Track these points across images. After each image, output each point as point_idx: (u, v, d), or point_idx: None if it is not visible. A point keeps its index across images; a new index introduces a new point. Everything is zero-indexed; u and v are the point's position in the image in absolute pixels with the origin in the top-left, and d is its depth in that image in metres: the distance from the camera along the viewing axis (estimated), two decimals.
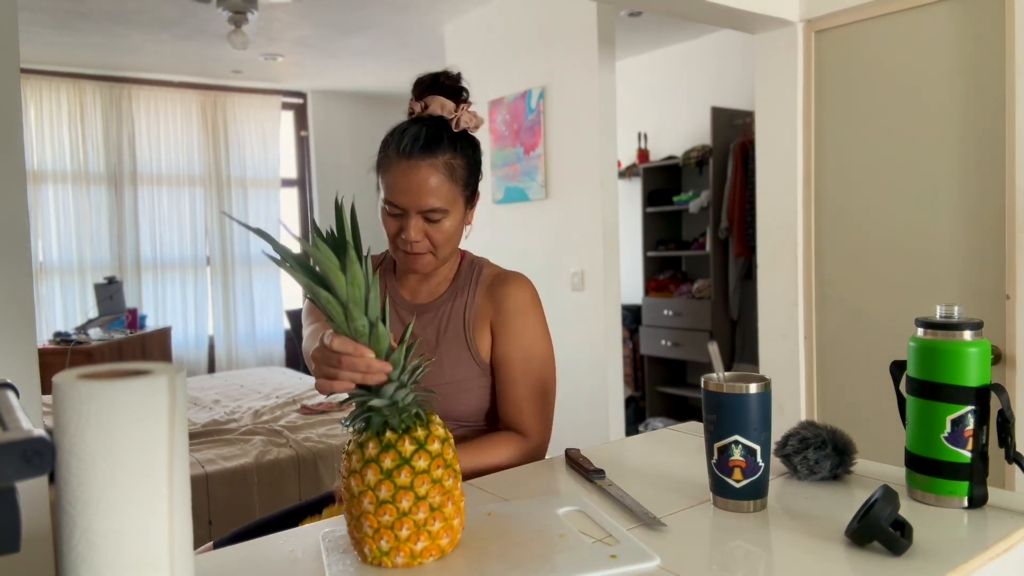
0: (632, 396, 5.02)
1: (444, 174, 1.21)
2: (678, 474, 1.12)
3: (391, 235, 1.25)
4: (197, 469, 2.57)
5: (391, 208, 1.22)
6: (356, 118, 6.47)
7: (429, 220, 1.22)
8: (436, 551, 0.82)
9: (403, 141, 1.21)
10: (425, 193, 1.20)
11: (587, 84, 3.58)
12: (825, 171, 2.52)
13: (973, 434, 0.93)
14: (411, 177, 1.20)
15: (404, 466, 0.80)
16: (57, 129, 5.23)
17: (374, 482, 0.80)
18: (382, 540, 0.80)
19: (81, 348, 4.22)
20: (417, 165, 1.20)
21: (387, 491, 0.80)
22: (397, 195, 1.21)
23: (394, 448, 0.81)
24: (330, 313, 0.81)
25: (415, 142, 1.20)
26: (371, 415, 0.83)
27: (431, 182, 1.20)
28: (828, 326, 2.54)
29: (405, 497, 0.80)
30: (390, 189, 1.22)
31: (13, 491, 0.47)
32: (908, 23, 2.28)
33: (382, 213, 1.25)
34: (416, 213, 1.21)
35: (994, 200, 2.10)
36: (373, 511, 0.80)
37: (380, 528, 0.80)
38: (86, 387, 0.52)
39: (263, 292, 6.09)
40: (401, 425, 0.82)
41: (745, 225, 4.34)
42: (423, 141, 1.21)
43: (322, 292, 0.79)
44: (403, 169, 1.20)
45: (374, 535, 0.80)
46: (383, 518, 0.80)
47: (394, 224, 1.24)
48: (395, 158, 1.21)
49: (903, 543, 0.80)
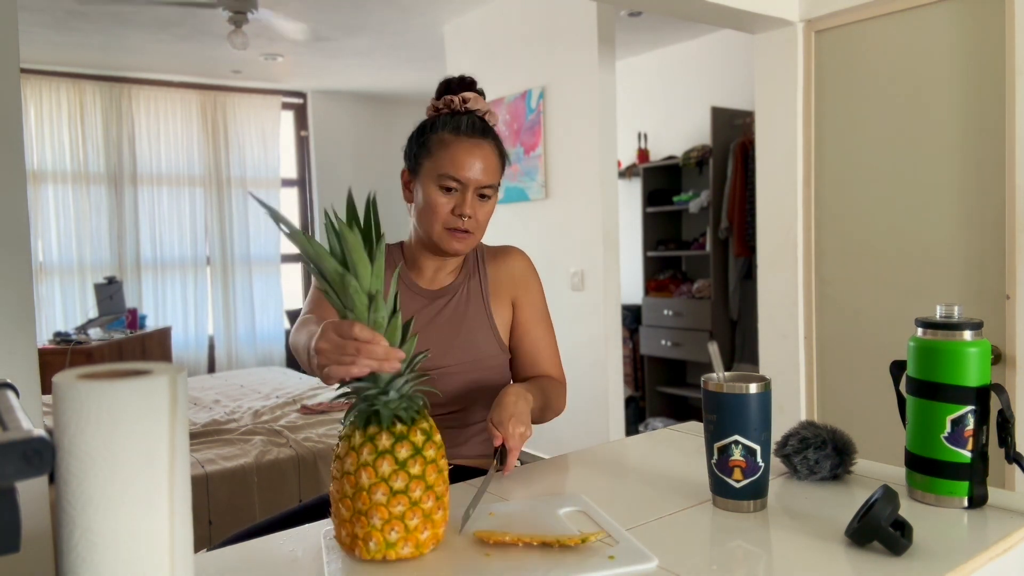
0: (632, 396, 5.02)
1: (497, 157, 1.32)
2: (678, 474, 1.12)
3: (441, 212, 1.28)
4: (197, 469, 2.57)
5: (450, 183, 1.27)
6: (356, 118, 6.47)
7: (483, 196, 1.30)
8: (435, 540, 0.85)
9: (461, 124, 1.29)
10: (487, 169, 1.28)
11: (587, 84, 3.58)
12: (825, 171, 2.52)
13: (973, 434, 0.93)
14: (476, 153, 1.27)
15: (418, 456, 0.83)
16: (57, 129, 5.23)
17: (388, 473, 0.81)
18: (392, 531, 0.81)
19: (81, 348, 4.22)
20: (481, 143, 1.29)
21: (402, 481, 0.81)
22: (461, 169, 1.26)
23: (407, 439, 0.83)
24: (352, 303, 0.82)
25: (474, 126, 1.29)
26: (379, 408, 0.83)
27: (491, 160, 1.29)
28: (828, 326, 2.54)
29: (418, 486, 0.82)
30: (453, 164, 1.26)
31: (13, 491, 0.47)
32: (908, 23, 2.28)
33: (428, 192, 1.28)
34: (474, 189, 1.28)
35: (994, 200, 2.10)
36: (386, 502, 0.81)
37: (391, 519, 0.81)
38: (86, 387, 0.52)
39: (263, 292, 6.09)
40: (409, 416, 0.85)
41: (745, 225, 4.34)
42: (480, 126, 1.30)
43: (352, 281, 0.81)
44: (467, 146, 1.27)
45: (383, 527, 0.81)
46: (395, 508, 0.81)
47: (447, 201, 1.28)
48: (453, 137, 1.28)
49: (903, 543, 0.80)
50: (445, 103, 1.33)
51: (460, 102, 1.32)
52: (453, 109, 1.32)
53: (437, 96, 1.35)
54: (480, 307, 1.37)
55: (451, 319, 1.35)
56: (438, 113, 1.34)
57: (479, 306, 1.37)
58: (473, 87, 1.35)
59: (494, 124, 1.35)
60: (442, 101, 1.33)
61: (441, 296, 1.37)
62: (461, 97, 1.32)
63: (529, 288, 1.42)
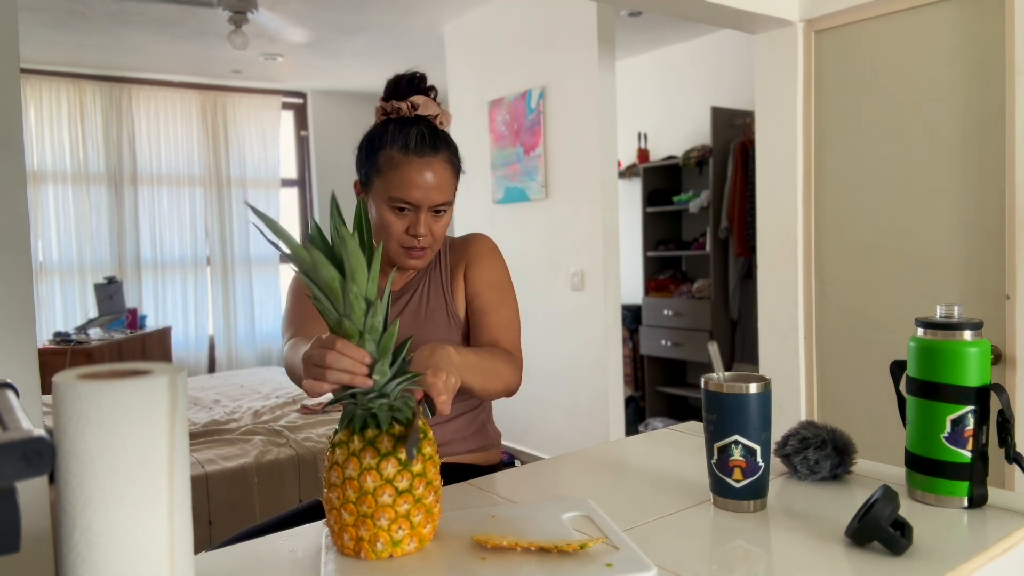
0: (632, 396, 5.02)
1: (449, 170, 1.26)
2: (678, 474, 1.12)
3: (396, 232, 1.25)
4: (197, 469, 2.57)
5: (400, 205, 1.23)
6: (356, 118, 6.47)
7: (437, 213, 1.26)
8: (434, 531, 0.87)
9: (411, 140, 1.22)
10: (438, 188, 1.23)
11: (587, 84, 3.58)
12: (825, 171, 2.52)
13: (973, 434, 0.93)
14: (426, 173, 1.22)
15: (418, 455, 0.84)
16: (57, 129, 5.23)
17: (393, 474, 0.82)
18: (399, 530, 0.82)
19: (81, 348, 4.22)
20: (431, 162, 1.23)
21: (406, 481, 0.83)
22: (411, 191, 1.22)
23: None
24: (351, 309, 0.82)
25: (423, 140, 1.23)
26: (376, 412, 0.84)
27: (443, 176, 1.24)
28: (828, 326, 2.54)
29: (420, 484, 0.84)
30: (402, 187, 1.22)
31: (13, 491, 0.47)
32: (908, 23, 2.28)
33: (380, 212, 1.25)
34: (427, 208, 1.24)
35: (994, 200, 2.10)
36: (392, 503, 0.82)
37: (397, 518, 0.82)
38: (86, 387, 0.52)
39: (263, 292, 6.10)
40: (404, 416, 0.85)
41: (745, 225, 4.34)
42: (430, 139, 1.23)
43: (352, 287, 0.81)
44: (417, 167, 1.22)
45: (389, 527, 0.82)
46: (401, 508, 0.82)
47: (400, 222, 1.24)
48: (403, 156, 1.22)
49: (903, 543, 0.80)
50: (393, 109, 1.27)
51: (409, 108, 1.25)
52: (401, 116, 1.26)
53: (385, 97, 1.29)
54: (441, 298, 1.35)
55: (414, 315, 1.34)
56: (387, 117, 1.27)
57: (439, 297, 1.35)
58: (423, 87, 1.28)
59: (447, 126, 1.28)
60: (390, 105, 1.27)
61: (403, 294, 1.36)
62: (410, 103, 1.25)
63: (481, 262, 1.36)
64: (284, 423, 3.15)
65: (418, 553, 0.84)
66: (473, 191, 4.35)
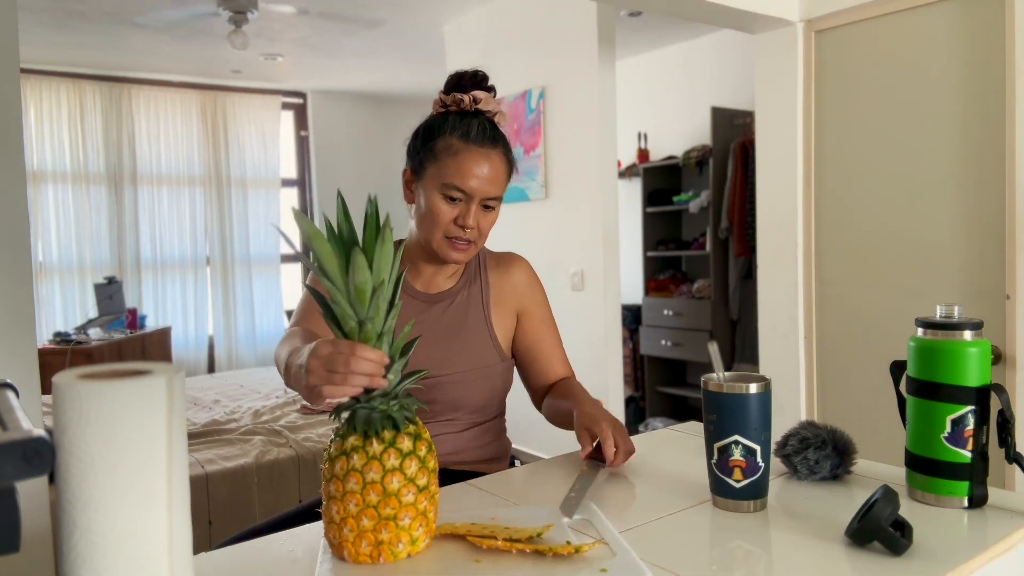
0: (632, 396, 5.02)
1: (505, 166, 1.26)
2: (678, 474, 1.12)
3: (443, 221, 1.22)
4: (197, 469, 2.57)
5: (454, 193, 1.21)
6: (356, 118, 6.47)
7: (487, 207, 1.25)
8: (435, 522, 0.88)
9: (472, 129, 1.22)
10: (494, 180, 1.23)
11: (587, 84, 3.58)
12: (825, 171, 2.52)
13: (973, 434, 0.93)
14: (484, 164, 1.21)
15: (430, 451, 0.86)
16: (57, 129, 5.23)
17: (415, 472, 0.83)
18: (418, 528, 0.83)
19: (81, 348, 4.22)
20: (491, 153, 1.22)
21: (425, 478, 0.84)
22: (467, 180, 1.20)
23: (422, 437, 0.86)
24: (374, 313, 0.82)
25: (485, 131, 1.23)
26: (391, 414, 0.84)
27: (499, 170, 1.24)
28: (828, 326, 2.54)
29: (434, 480, 0.86)
30: (459, 174, 1.20)
31: (13, 491, 0.47)
32: (908, 23, 2.28)
33: (431, 199, 1.22)
34: (479, 200, 1.23)
35: (994, 200, 2.10)
36: (414, 501, 0.83)
37: (417, 516, 0.83)
38: (86, 387, 0.52)
39: (263, 292, 6.09)
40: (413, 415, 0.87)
41: (745, 225, 4.33)
42: (491, 131, 1.24)
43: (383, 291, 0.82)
44: (476, 156, 1.21)
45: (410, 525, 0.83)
46: (421, 505, 0.83)
47: (450, 210, 1.22)
48: (462, 144, 1.21)
49: (903, 543, 0.80)
50: (454, 100, 1.25)
51: (471, 102, 1.24)
52: (463, 108, 1.25)
53: (446, 91, 1.27)
54: (480, 314, 1.33)
55: (449, 326, 1.31)
56: (446, 110, 1.26)
57: (478, 313, 1.33)
58: (485, 84, 1.27)
59: (505, 126, 1.28)
60: (451, 98, 1.25)
61: (439, 301, 1.33)
62: (472, 96, 1.24)
63: (534, 297, 1.39)
64: (284, 423, 3.15)
65: (414, 556, 0.84)
66: None
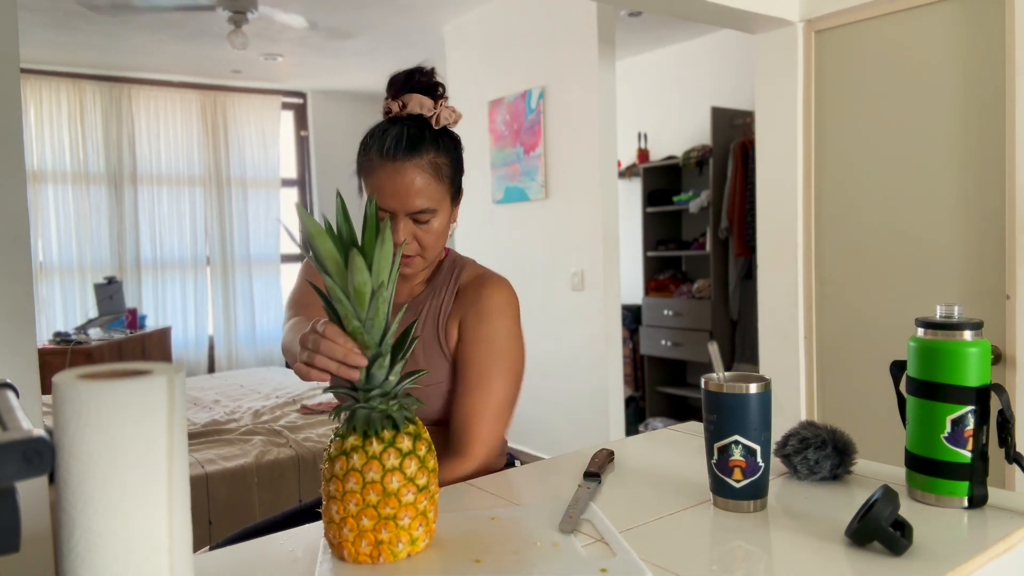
0: (632, 396, 5.02)
1: (430, 174, 1.19)
2: (678, 474, 1.12)
3: None
4: (197, 469, 2.57)
5: (380, 212, 1.18)
6: (356, 118, 6.47)
7: (418, 221, 1.20)
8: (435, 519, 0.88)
9: (385, 143, 1.18)
10: (413, 194, 1.17)
11: (587, 84, 3.58)
12: (825, 171, 2.52)
13: (973, 434, 0.93)
14: (397, 179, 1.17)
15: (430, 450, 0.86)
16: (57, 129, 5.23)
17: (415, 471, 0.83)
18: (418, 528, 0.83)
19: (81, 348, 4.22)
20: (403, 166, 1.17)
21: (425, 477, 0.84)
22: (384, 198, 1.18)
23: (422, 436, 0.86)
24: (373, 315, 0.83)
25: (398, 143, 1.17)
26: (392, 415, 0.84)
27: (418, 183, 1.17)
28: (828, 326, 2.54)
29: (433, 480, 0.86)
30: (377, 192, 1.18)
31: (13, 491, 0.47)
32: (908, 23, 2.28)
33: None
34: (404, 216, 1.19)
35: (994, 200, 2.10)
36: (414, 500, 0.83)
37: (417, 515, 0.83)
38: (86, 387, 0.52)
39: (263, 292, 6.10)
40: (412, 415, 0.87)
41: (745, 225, 4.34)
42: (406, 141, 1.18)
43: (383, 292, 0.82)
44: (388, 172, 1.17)
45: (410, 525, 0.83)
46: (421, 505, 0.84)
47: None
48: (379, 161, 1.18)
49: (903, 543, 0.80)
50: (386, 107, 1.23)
51: (399, 107, 1.21)
52: (393, 115, 1.22)
53: (386, 95, 1.25)
54: (433, 330, 1.27)
55: None
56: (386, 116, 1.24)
57: (432, 329, 1.27)
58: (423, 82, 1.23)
59: (451, 122, 1.23)
60: (385, 104, 1.24)
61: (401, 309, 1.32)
62: (400, 101, 1.21)
63: (482, 325, 1.22)
64: (284, 423, 3.15)
65: (413, 557, 0.84)
66: (473, 191, 4.35)
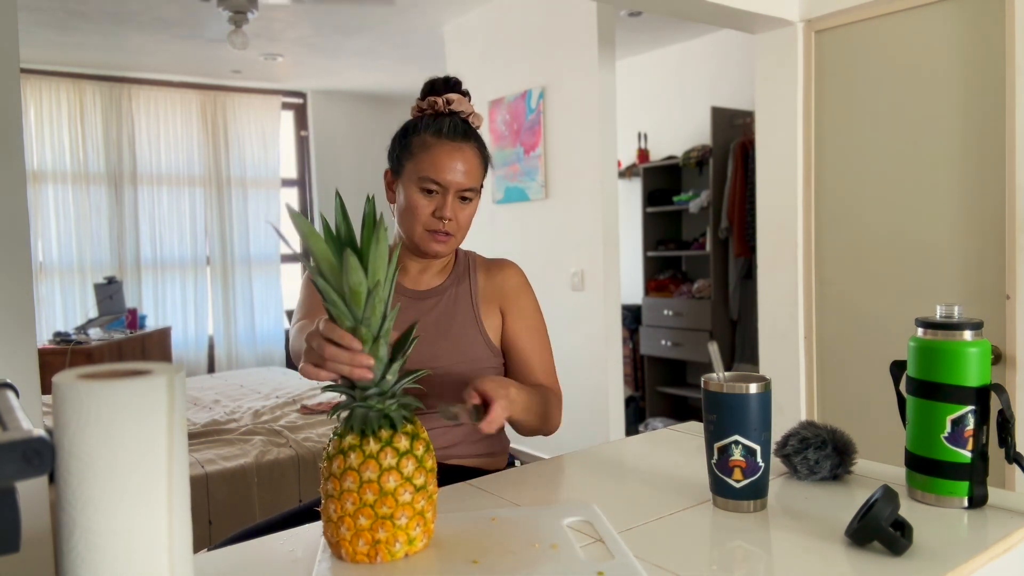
0: (632, 396, 5.02)
1: (479, 160, 1.32)
2: (678, 474, 1.12)
3: (423, 214, 1.29)
4: (197, 469, 2.57)
5: (430, 186, 1.27)
6: (356, 118, 6.47)
7: (464, 199, 1.31)
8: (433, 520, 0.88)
9: (443, 126, 1.29)
10: (467, 173, 1.29)
11: (587, 84, 3.58)
12: (825, 171, 2.52)
13: (973, 434, 0.93)
14: (457, 156, 1.28)
15: (428, 450, 0.86)
16: (57, 129, 5.23)
17: (412, 471, 0.83)
18: (416, 527, 0.83)
19: (81, 348, 4.22)
20: (461, 146, 1.29)
21: (422, 477, 0.84)
22: (441, 172, 1.27)
23: (420, 436, 0.86)
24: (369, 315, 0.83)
25: (455, 127, 1.30)
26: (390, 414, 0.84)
27: (472, 163, 1.30)
28: (828, 326, 2.54)
29: (431, 480, 0.86)
30: (434, 168, 1.27)
31: (13, 491, 0.47)
32: (908, 23, 2.28)
33: (409, 194, 1.29)
34: (455, 192, 1.28)
35: (994, 200, 2.10)
36: (411, 500, 0.83)
37: (415, 515, 0.83)
38: (86, 387, 0.52)
39: (263, 292, 6.10)
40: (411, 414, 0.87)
41: (745, 225, 4.34)
42: (462, 128, 1.31)
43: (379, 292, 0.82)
44: (448, 149, 1.28)
45: (407, 525, 0.83)
46: (418, 504, 0.83)
47: (428, 204, 1.29)
48: (435, 139, 1.28)
49: (903, 543, 0.80)
50: (429, 104, 1.33)
51: (444, 104, 1.32)
52: (436, 111, 1.32)
53: (421, 97, 1.36)
54: (468, 311, 1.37)
55: (438, 321, 1.35)
56: (422, 114, 1.34)
57: (467, 310, 1.37)
58: (458, 88, 1.35)
59: (478, 126, 1.35)
60: (426, 102, 1.33)
61: (428, 297, 1.37)
62: (445, 99, 1.32)
63: (519, 300, 1.41)
64: (284, 423, 3.15)
65: (411, 557, 0.83)
66: None
